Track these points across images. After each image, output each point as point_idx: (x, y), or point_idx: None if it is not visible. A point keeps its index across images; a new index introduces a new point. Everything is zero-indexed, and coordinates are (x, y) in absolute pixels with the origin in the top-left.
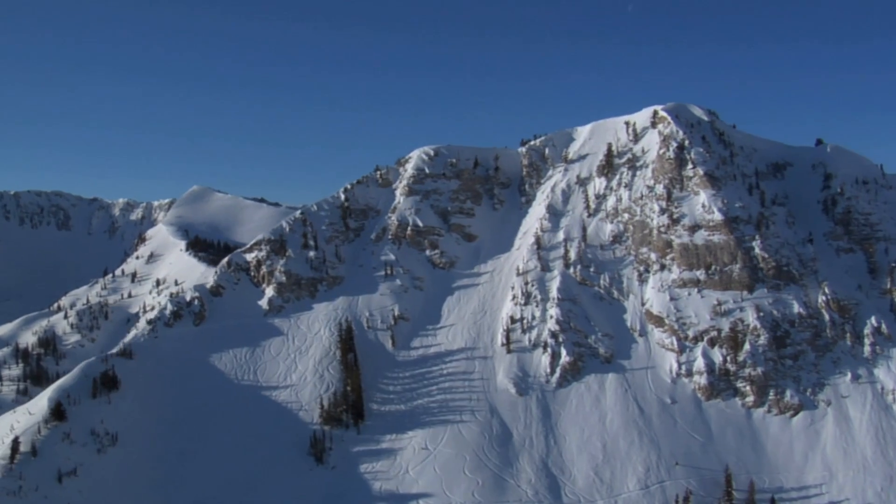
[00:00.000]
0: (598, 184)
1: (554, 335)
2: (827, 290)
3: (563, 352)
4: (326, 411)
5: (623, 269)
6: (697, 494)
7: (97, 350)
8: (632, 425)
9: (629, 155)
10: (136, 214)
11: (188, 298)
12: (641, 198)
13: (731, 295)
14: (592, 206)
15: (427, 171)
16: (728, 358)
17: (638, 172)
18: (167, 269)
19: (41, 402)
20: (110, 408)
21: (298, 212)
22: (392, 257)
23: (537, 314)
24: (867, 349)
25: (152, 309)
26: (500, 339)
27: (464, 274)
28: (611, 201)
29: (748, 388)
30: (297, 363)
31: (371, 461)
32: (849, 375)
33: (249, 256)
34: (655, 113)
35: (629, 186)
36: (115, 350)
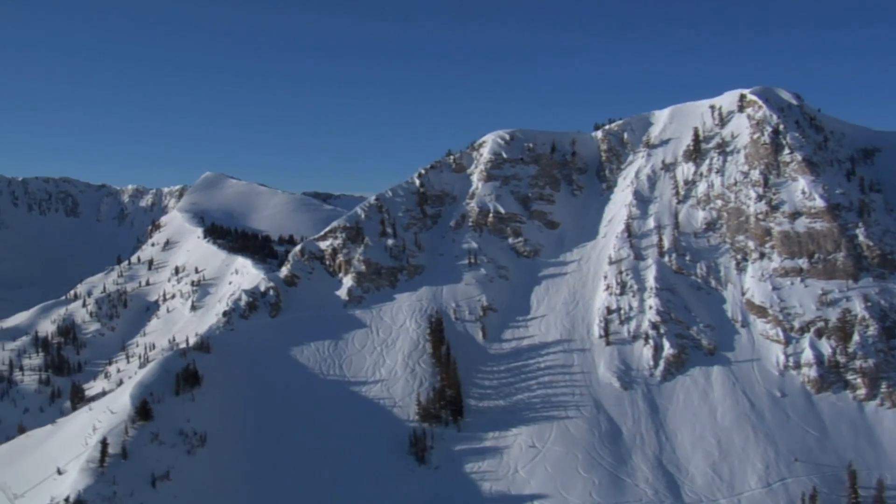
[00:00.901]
0: (686, 169)
1: (655, 326)
2: None
3: (666, 344)
4: (424, 408)
5: (719, 257)
6: (821, 492)
7: (118, 339)
8: (744, 420)
9: (717, 140)
10: (146, 201)
11: (262, 289)
12: (735, 184)
13: (836, 284)
14: (682, 192)
15: (504, 155)
16: (837, 349)
17: (729, 158)
18: (185, 257)
19: (122, 400)
20: (195, 405)
21: (373, 198)
22: (475, 245)
23: (634, 304)
24: None
25: (172, 297)
26: (597, 330)
27: (549, 263)
28: (701, 187)
29: (859, 380)
30: (385, 357)
31: (476, 460)
32: None
33: (324, 244)
34: (743, 97)
35: (721, 172)
36: (191, 343)
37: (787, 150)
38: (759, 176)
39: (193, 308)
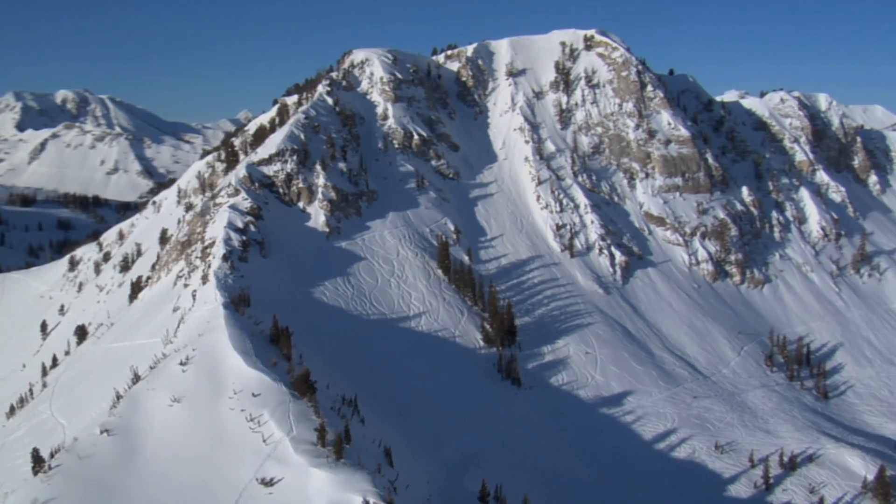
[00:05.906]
0: (559, 99)
1: (603, 238)
2: (747, 193)
3: (617, 252)
4: (487, 333)
5: (611, 176)
6: (762, 352)
7: None
8: (693, 308)
9: (577, 73)
10: None
11: (240, 224)
12: (612, 114)
13: (703, 197)
14: (564, 119)
15: (399, 76)
16: (718, 247)
17: (597, 91)
18: None
19: (251, 377)
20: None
21: (302, 115)
22: (411, 168)
23: (576, 220)
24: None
25: None
26: (556, 246)
27: (471, 185)
28: (579, 116)
29: (734, 269)
30: (407, 288)
31: (554, 374)
32: (777, 256)
33: (271, 170)
34: (590, 37)
35: (595, 103)
36: (223, 300)
37: (649, 88)
38: (633, 108)
39: None
